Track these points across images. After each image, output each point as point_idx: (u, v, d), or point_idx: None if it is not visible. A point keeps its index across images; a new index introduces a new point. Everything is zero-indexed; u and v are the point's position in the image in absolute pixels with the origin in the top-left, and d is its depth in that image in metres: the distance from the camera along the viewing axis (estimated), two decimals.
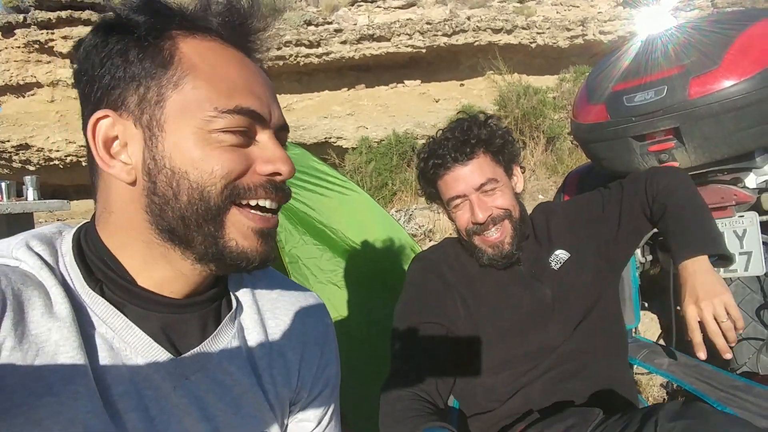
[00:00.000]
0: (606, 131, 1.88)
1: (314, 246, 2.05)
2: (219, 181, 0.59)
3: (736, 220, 1.83)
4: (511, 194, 1.28)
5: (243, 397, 0.68)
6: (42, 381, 0.54)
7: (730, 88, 1.62)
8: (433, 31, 8.86)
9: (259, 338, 0.72)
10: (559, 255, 1.31)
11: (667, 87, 1.71)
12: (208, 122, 0.59)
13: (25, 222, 3.75)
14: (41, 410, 0.53)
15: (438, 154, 1.26)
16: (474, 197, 1.23)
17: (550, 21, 9.12)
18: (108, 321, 0.60)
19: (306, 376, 0.77)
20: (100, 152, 0.60)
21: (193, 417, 0.63)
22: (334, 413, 0.84)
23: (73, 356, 0.55)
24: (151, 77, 0.59)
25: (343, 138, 8.86)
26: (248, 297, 0.75)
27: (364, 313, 1.99)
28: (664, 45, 1.84)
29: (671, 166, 1.53)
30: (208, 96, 0.59)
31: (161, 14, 0.60)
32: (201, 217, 0.60)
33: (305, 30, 8.90)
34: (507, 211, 1.25)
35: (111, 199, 0.62)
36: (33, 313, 0.55)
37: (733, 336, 1.11)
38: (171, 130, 0.59)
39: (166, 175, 0.59)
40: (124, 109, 0.59)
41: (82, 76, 0.61)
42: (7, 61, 9.23)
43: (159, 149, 0.59)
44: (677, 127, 1.71)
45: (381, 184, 7.49)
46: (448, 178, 1.26)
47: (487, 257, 1.26)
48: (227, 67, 0.62)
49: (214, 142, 0.60)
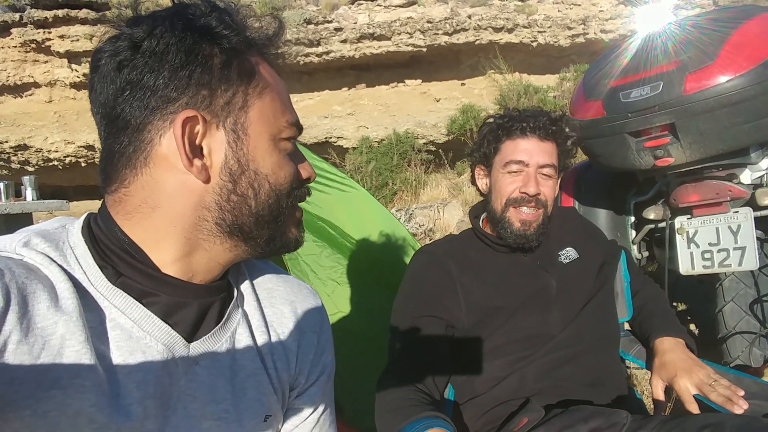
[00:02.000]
0: (602, 127, 1.89)
1: (313, 243, 2.06)
2: (288, 186, 0.69)
3: (731, 215, 1.85)
4: (556, 190, 1.37)
5: (249, 380, 0.71)
6: (49, 374, 0.54)
7: (725, 84, 1.63)
8: (434, 29, 8.86)
9: (260, 326, 0.75)
10: (569, 252, 1.38)
11: (663, 83, 1.72)
12: (280, 131, 0.68)
13: (25, 222, 3.76)
14: (48, 403, 0.54)
15: (524, 117, 1.32)
16: (533, 171, 1.29)
17: (552, 19, 9.11)
18: (127, 311, 0.62)
19: (303, 362, 0.80)
20: (187, 151, 0.61)
21: (201, 401, 0.66)
22: (329, 400, 0.87)
23: (78, 350, 0.56)
24: (238, 84, 0.64)
25: (343, 138, 8.87)
26: (247, 286, 0.77)
27: (364, 309, 2.01)
28: (662, 42, 1.85)
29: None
30: (282, 108, 0.69)
31: (242, 35, 0.66)
32: (272, 215, 0.68)
33: (305, 29, 8.91)
34: (547, 201, 1.31)
35: (158, 195, 0.63)
36: (38, 307, 0.56)
37: (737, 391, 1.10)
38: (254, 134, 0.65)
39: (249, 176, 0.65)
40: (209, 111, 0.63)
41: (161, 65, 0.60)
42: (4, 61, 9.13)
43: (243, 152, 0.65)
44: (673, 122, 1.72)
45: (381, 184, 7.50)
46: (521, 141, 1.31)
47: (512, 231, 1.30)
48: (280, 83, 0.71)
49: (282, 150, 0.68)
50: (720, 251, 1.87)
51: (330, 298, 2.03)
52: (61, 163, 9.22)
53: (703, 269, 1.91)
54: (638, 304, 1.46)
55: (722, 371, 1.24)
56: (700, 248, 1.91)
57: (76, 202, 9.00)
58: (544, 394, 1.18)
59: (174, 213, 0.63)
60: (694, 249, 1.93)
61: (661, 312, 1.40)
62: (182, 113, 0.60)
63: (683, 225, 1.95)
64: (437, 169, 7.98)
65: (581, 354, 1.24)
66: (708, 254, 1.89)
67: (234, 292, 0.74)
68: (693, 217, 1.94)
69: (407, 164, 7.78)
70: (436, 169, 7.97)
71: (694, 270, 1.92)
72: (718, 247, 1.87)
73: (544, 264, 1.35)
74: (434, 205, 5.92)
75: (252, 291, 0.77)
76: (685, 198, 1.93)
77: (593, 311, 1.30)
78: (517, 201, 1.29)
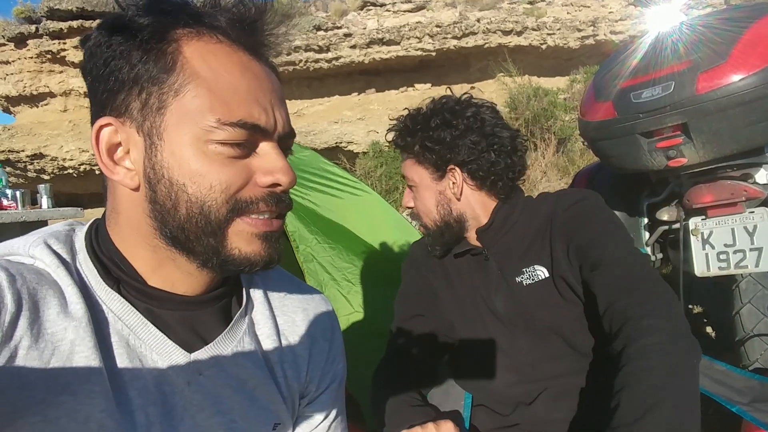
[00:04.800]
0: (613, 128, 1.88)
1: (327, 245, 2.08)
2: (219, 195, 0.58)
3: (747, 216, 1.82)
4: (431, 198, 1.22)
5: (257, 389, 0.70)
6: (59, 379, 0.55)
7: (738, 83, 1.61)
8: (443, 33, 8.88)
9: (270, 334, 0.74)
10: (536, 271, 1.17)
11: (675, 83, 1.70)
12: (207, 133, 0.57)
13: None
14: (59, 408, 0.54)
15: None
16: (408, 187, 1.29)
17: (561, 22, 9.09)
18: (124, 318, 0.62)
19: (314, 370, 0.79)
20: (104, 159, 0.60)
21: (207, 412, 0.65)
22: (341, 407, 0.86)
23: (88, 356, 0.56)
24: (153, 83, 0.57)
25: (353, 142, 8.91)
26: (259, 294, 0.76)
27: (379, 308, 2.02)
28: (673, 42, 1.83)
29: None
30: (210, 105, 0.57)
31: (166, 14, 0.58)
32: (201, 230, 0.59)
33: (315, 35, 8.97)
34: (419, 214, 1.27)
35: (117, 201, 0.63)
36: (48, 312, 0.56)
37: None
38: (170, 139, 0.58)
39: (165, 185, 0.58)
40: (128, 115, 0.59)
41: (87, 75, 0.60)
42: (21, 72, 9.39)
43: (158, 158, 0.58)
44: (685, 122, 1.71)
45: (391, 188, 7.51)
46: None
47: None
48: (231, 74, 0.59)
49: (212, 154, 0.58)
50: (736, 252, 1.84)
51: (346, 299, 2.04)
52: (75, 171, 9.35)
53: (719, 271, 1.89)
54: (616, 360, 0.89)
55: (742, 375, 1.22)
56: (715, 249, 1.89)
57: (91, 209, 9.09)
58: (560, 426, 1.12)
59: (131, 220, 0.62)
60: (709, 250, 1.90)
61: (641, 405, 0.78)
62: (98, 121, 0.59)
63: (698, 226, 1.93)
64: None
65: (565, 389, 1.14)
66: (723, 255, 1.87)
67: (243, 300, 0.73)
68: (707, 218, 1.92)
69: None
70: None
71: (710, 271, 1.89)
72: (733, 248, 1.85)
73: (508, 279, 1.19)
74: None
75: (264, 299, 0.76)
76: (699, 198, 1.91)
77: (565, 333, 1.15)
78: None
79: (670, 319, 0.88)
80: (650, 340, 0.83)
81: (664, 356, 0.81)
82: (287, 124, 0.64)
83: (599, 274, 1.02)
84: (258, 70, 0.62)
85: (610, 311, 0.95)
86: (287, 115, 0.65)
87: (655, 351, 0.82)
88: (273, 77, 0.65)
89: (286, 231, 2.10)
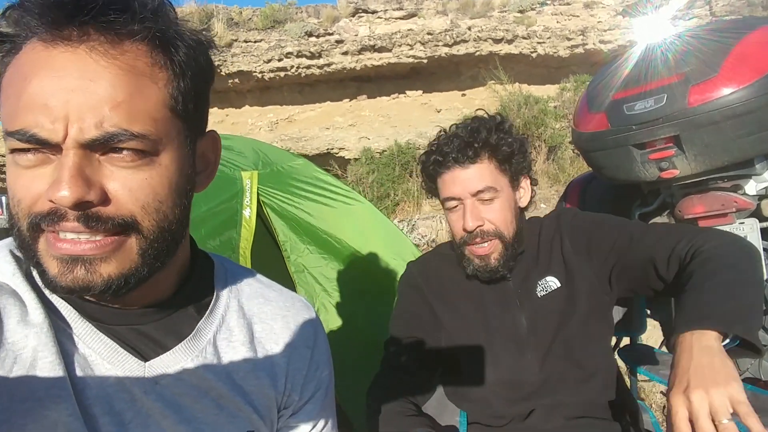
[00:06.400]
0: (606, 140, 1.89)
1: (319, 255, 2.07)
2: (20, 210, 0.55)
3: (737, 227, 1.84)
4: (509, 208, 1.22)
5: (221, 399, 0.68)
6: (24, 386, 0.55)
7: (729, 96, 1.63)
8: (434, 41, 8.92)
9: (244, 341, 0.73)
10: (549, 282, 1.23)
11: (667, 95, 1.72)
12: (6, 142, 0.54)
13: None
14: (25, 415, 0.54)
15: (442, 151, 1.22)
16: (469, 203, 1.19)
17: (551, 30, 9.17)
18: (73, 326, 0.61)
19: (295, 378, 0.77)
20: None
21: (171, 419, 0.64)
22: (330, 416, 0.84)
23: (52, 361, 0.57)
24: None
25: (345, 149, 8.90)
26: (234, 301, 0.75)
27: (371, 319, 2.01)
28: (663, 53, 1.85)
29: (728, 233, 1.21)
30: (4, 115, 0.54)
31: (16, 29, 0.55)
32: (21, 248, 0.57)
33: (306, 41, 8.97)
34: (497, 228, 1.19)
35: None
36: (9, 321, 0.57)
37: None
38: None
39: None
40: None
41: None
42: None
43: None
44: (677, 135, 1.72)
45: (383, 195, 7.51)
46: (446, 177, 1.22)
47: (473, 268, 1.22)
48: (27, 80, 0.53)
49: (18, 165, 0.55)
50: None
51: (336, 309, 2.03)
52: None
53: None
54: (682, 282, 1.01)
55: None
56: None
57: None
58: None
59: None
60: None
61: (702, 288, 0.94)
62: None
63: None
64: None
65: (562, 404, 1.16)
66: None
67: (209, 308, 0.72)
68: None
69: (409, 175, 7.79)
70: None
71: None
72: None
73: (522, 295, 1.23)
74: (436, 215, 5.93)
75: (239, 306, 0.75)
76: (690, 209, 1.93)
77: (574, 348, 1.17)
78: (466, 240, 1.21)
79: (724, 236, 1.09)
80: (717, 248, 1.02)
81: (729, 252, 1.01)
82: (97, 126, 0.53)
83: (642, 243, 1.13)
84: (63, 63, 0.53)
85: (675, 253, 1.06)
86: (102, 118, 0.53)
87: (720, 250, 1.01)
88: (96, 67, 0.54)
89: (277, 240, 2.09)
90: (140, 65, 0.56)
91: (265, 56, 8.90)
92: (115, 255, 0.56)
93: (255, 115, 9.71)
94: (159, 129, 0.57)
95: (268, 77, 9.10)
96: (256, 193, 2.00)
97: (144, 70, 0.56)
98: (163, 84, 0.58)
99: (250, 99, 9.70)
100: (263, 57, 8.90)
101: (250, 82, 9.21)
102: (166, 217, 0.59)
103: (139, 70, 0.55)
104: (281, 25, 9.30)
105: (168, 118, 0.58)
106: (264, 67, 8.95)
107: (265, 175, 2.07)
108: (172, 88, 0.59)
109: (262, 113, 9.71)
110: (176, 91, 0.59)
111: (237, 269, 0.82)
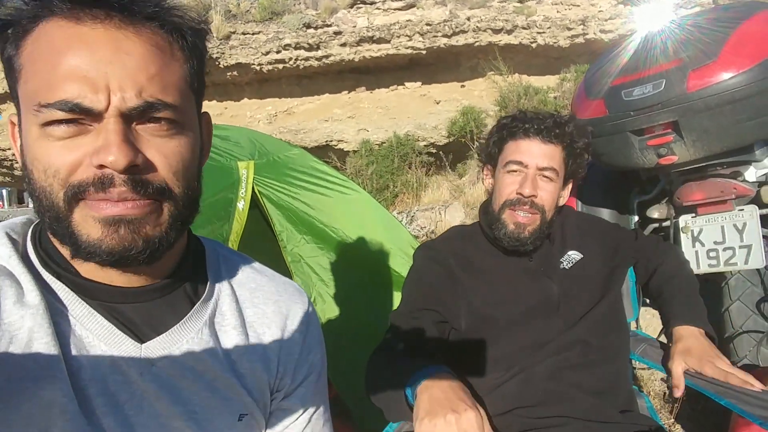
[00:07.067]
0: (605, 126, 1.88)
1: (315, 245, 2.06)
2: (53, 180, 0.56)
3: (736, 213, 1.83)
4: (556, 195, 1.33)
5: (216, 381, 0.69)
6: (20, 367, 0.56)
7: (728, 81, 1.62)
8: (433, 32, 8.86)
9: (236, 325, 0.74)
10: (571, 255, 1.35)
11: (666, 81, 1.71)
12: (36, 117, 0.56)
13: None
14: (21, 394, 0.55)
15: (530, 119, 1.31)
16: (532, 173, 1.28)
17: (551, 20, 9.11)
18: (70, 307, 0.62)
19: (288, 362, 0.79)
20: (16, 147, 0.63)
21: (165, 401, 0.65)
22: (322, 399, 0.85)
23: (47, 342, 0.58)
24: (11, 74, 0.59)
25: (344, 141, 8.87)
26: (226, 286, 0.76)
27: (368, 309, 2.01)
28: (662, 40, 1.83)
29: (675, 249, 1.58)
30: (35, 89, 0.56)
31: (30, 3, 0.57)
32: (53, 219, 0.58)
33: (304, 33, 8.92)
34: (544, 205, 1.29)
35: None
36: (5, 303, 0.58)
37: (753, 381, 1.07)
38: (23, 125, 0.59)
39: (26, 171, 0.59)
40: (16, 102, 0.61)
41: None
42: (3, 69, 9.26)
43: (22, 144, 0.60)
44: (676, 120, 1.71)
45: (382, 187, 7.49)
46: (522, 143, 1.30)
47: (505, 231, 1.29)
48: (58, 53, 0.55)
49: (49, 137, 0.56)
50: (725, 250, 1.85)
51: (333, 299, 2.02)
52: None
53: (709, 268, 1.89)
54: (657, 284, 1.38)
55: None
56: (705, 247, 1.90)
57: None
58: (550, 397, 1.16)
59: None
60: (699, 248, 1.91)
61: (682, 294, 1.32)
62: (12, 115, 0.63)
63: (688, 224, 1.93)
64: (438, 171, 7.96)
65: (591, 363, 1.21)
66: (713, 253, 1.88)
67: (205, 291, 0.73)
68: (697, 216, 1.93)
69: (408, 166, 7.77)
70: (437, 171, 7.95)
71: (700, 269, 1.90)
72: (723, 245, 1.86)
73: (548, 270, 1.32)
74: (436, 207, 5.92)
75: (231, 291, 0.76)
76: (689, 196, 1.92)
77: (600, 319, 1.26)
78: (513, 202, 1.28)
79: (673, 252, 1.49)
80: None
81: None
82: (137, 96, 0.57)
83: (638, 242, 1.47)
84: (96, 38, 0.56)
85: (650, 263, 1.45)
86: (139, 88, 0.57)
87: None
88: (128, 42, 0.57)
89: (273, 230, 2.08)
90: (162, 44, 0.60)
91: (264, 48, 8.84)
92: (152, 218, 0.60)
93: (254, 107, 9.68)
94: (184, 101, 0.62)
95: (267, 70, 9.05)
96: (251, 184, 1.99)
97: (165, 49, 0.61)
98: (182, 62, 0.63)
99: (249, 92, 9.66)
100: (261, 49, 8.85)
101: (248, 74, 9.16)
102: (190, 184, 0.64)
103: (163, 47, 0.60)
104: (279, 17, 9.24)
105: (188, 93, 0.64)
106: (262, 59, 8.89)
107: (261, 165, 2.06)
108: (188, 66, 0.64)
109: (260, 106, 9.68)
110: (191, 70, 0.64)
111: (230, 254, 0.83)
